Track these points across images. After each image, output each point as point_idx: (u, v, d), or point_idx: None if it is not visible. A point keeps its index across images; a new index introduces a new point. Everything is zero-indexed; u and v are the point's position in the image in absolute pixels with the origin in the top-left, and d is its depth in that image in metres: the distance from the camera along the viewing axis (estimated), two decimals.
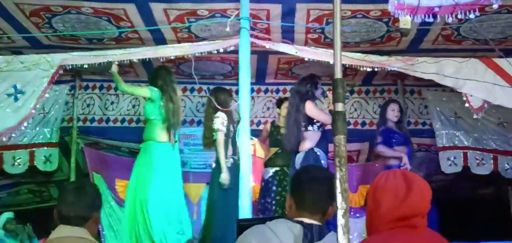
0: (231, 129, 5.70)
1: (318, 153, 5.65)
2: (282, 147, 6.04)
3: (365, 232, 2.26)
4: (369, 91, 7.73)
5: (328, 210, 2.30)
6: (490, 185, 8.22)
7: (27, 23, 5.53)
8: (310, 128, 5.70)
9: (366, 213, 2.15)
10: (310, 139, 5.69)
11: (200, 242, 5.73)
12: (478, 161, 7.13)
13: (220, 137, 5.65)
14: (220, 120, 5.66)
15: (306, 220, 2.22)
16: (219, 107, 5.74)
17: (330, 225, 2.28)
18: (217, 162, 5.70)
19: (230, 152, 5.72)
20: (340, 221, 1.78)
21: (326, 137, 5.79)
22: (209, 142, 5.84)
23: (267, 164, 6.42)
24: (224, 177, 5.53)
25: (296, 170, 2.52)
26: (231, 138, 5.70)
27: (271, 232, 2.14)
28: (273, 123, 6.66)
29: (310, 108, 5.67)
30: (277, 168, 6.25)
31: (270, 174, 6.29)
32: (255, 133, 6.47)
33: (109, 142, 7.45)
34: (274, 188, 6.20)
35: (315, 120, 5.70)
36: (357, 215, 6.95)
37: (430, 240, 2.04)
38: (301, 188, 2.33)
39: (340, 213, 1.78)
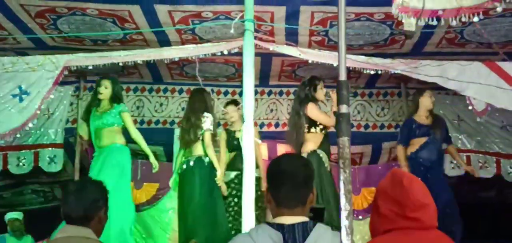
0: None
1: (320, 155, 5.67)
2: (240, 151, 5.84)
3: (368, 234, 2.26)
4: (372, 94, 7.73)
5: (308, 198, 2.22)
6: (492, 189, 8.21)
7: (32, 24, 5.54)
8: (312, 129, 5.74)
9: (370, 215, 2.17)
10: (312, 141, 5.72)
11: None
12: (481, 164, 7.14)
13: (209, 137, 5.77)
14: (210, 121, 5.79)
15: (288, 221, 2.14)
16: (208, 109, 5.89)
17: None
18: (197, 160, 5.79)
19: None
20: (344, 222, 1.78)
21: (328, 139, 5.81)
22: (193, 141, 5.84)
23: (228, 167, 6.34)
24: (220, 175, 5.77)
25: (268, 165, 2.43)
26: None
27: (253, 241, 2.13)
28: (227, 129, 6.61)
29: (311, 110, 5.70)
30: (238, 172, 6.04)
31: (231, 177, 6.24)
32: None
33: None
34: (234, 192, 6.16)
35: (318, 123, 5.72)
36: (360, 217, 6.96)
37: (437, 241, 2.05)
38: (274, 184, 2.25)
39: (344, 214, 1.79)
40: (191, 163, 5.80)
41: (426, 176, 5.70)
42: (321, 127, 5.75)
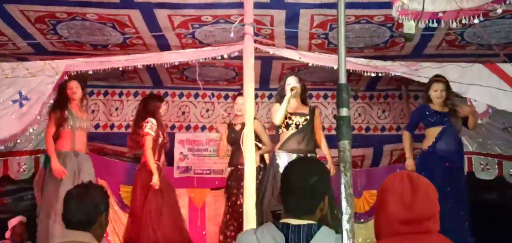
0: (161, 135, 5.89)
1: (276, 155, 5.41)
2: (236, 146, 5.70)
3: (370, 237, 2.25)
4: (373, 96, 7.74)
5: (318, 207, 2.24)
6: (494, 190, 8.19)
7: (32, 30, 5.55)
8: (280, 130, 5.49)
9: (374, 217, 2.14)
10: (280, 140, 5.54)
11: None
12: (482, 166, 7.12)
13: (148, 141, 5.76)
14: (150, 125, 5.80)
15: (294, 222, 2.19)
16: (149, 114, 5.89)
17: None
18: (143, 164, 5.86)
19: (162, 158, 6.08)
20: (345, 226, 1.77)
21: (297, 136, 5.39)
22: (135, 146, 5.99)
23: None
24: (155, 180, 5.63)
25: (284, 167, 2.45)
26: (160, 144, 5.93)
27: (257, 241, 2.17)
28: (229, 124, 6.25)
29: (271, 112, 5.62)
30: (232, 167, 5.94)
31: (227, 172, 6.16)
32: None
33: (113, 147, 7.47)
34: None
35: (284, 122, 5.41)
36: (362, 220, 6.95)
37: None
38: (283, 191, 2.30)
39: (345, 218, 1.77)
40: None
41: (447, 175, 5.32)
42: (284, 125, 5.42)
